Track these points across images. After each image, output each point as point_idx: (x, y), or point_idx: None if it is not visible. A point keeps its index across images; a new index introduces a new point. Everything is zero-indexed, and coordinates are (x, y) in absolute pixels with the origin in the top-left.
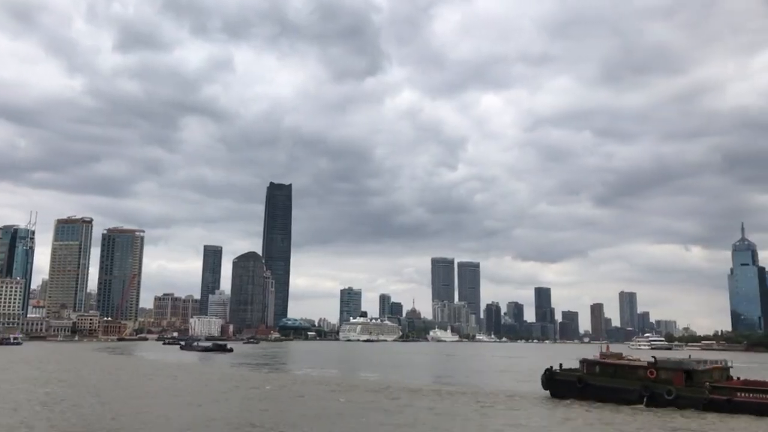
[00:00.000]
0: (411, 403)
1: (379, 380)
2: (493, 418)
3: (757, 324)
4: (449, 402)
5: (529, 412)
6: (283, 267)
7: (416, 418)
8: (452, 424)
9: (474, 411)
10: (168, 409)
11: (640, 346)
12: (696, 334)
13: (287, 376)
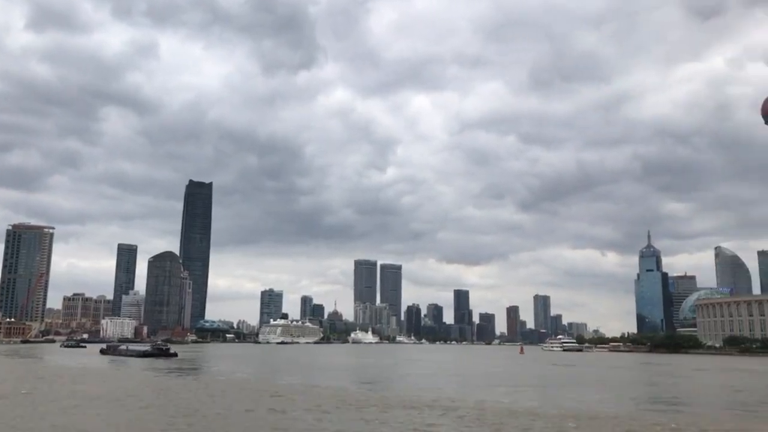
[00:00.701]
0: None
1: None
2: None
3: (660, 326)
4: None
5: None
6: (201, 267)
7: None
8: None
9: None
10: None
11: (552, 347)
12: (605, 336)
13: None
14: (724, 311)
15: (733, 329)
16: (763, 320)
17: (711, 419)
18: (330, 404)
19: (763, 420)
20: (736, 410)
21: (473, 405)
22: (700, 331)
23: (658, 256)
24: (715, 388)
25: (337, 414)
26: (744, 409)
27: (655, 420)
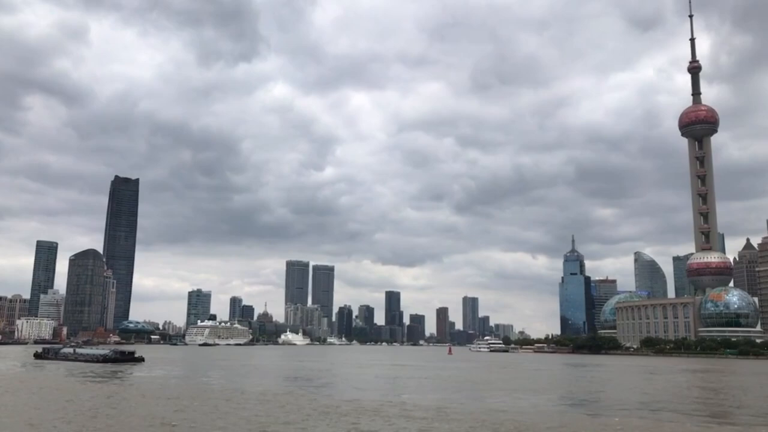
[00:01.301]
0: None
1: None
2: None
3: (582, 328)
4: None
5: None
6: (126, 266)
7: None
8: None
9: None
10: None
11: (480, 348)
12: (530, 338)
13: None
14: (642, 314)
15: (650, 331)
16: (677, 322)
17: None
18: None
19: (665, 420)
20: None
21: (400, 405)
22: (620, 332)
23: (581, 260)
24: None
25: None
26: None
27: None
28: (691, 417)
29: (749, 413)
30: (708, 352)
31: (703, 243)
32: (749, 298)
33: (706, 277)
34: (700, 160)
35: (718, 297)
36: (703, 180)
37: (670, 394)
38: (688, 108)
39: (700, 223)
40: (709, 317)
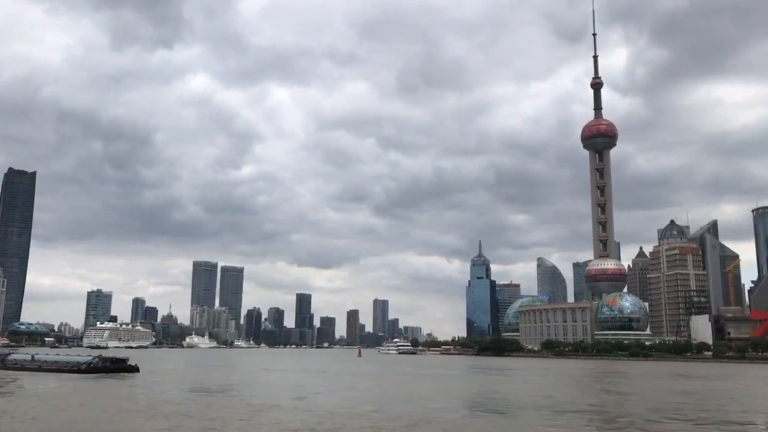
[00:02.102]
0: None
1: None
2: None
3: (487, 330)
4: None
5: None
6: (18, 264)
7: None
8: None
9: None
10: None
11: (389, 350)
12: (437, 340)
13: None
14: (543, 317)
15: (550, 334)
16: (575, 326)
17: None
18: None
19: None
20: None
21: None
22: (522, 335)
23: (487, 264)
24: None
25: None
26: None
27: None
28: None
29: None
30: (603, 354)
31: (600, 251)
32: (641, 303)
33: (602, 282)
34: (600, 171)
35: (613, 302)
36: (602, 191)
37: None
38: (590, 122)
39: (598, 232)
40: (604, 321)
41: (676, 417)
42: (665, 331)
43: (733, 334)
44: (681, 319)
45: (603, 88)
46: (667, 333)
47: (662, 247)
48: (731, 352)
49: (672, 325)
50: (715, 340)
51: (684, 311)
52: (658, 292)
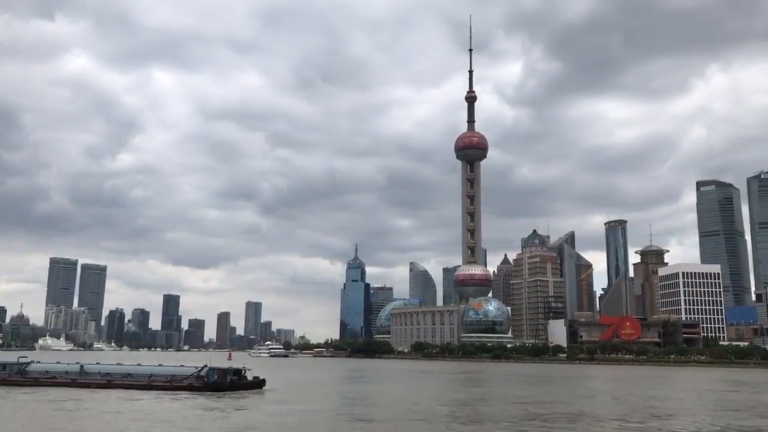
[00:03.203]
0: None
1: None
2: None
3: (360, 333)
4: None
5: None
6: None
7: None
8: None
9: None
10: None
11: (260, 353)
12: (310, 342)
13: None
14: (413, 320)
15: (420, 336)
16: (443, 328)
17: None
18: None
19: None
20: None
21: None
22: (393, 337)
23: (363, 268)
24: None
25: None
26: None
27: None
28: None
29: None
30: (468, 356)
31: (469, 257)
32: (504, 308)
33: (469, 287)
34: (470, 181)
35: (478, 306)
36: (472, 200)
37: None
38: (463, 134)
39: (467, 239)
40: (470, 324)
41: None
42: (525, 334)
43: (585, 337)
44: (540, 323)
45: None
46: (527, 336)
47: (525, 255)
48: (583, 354)
49: (532, 328)
50: (569, 343)
51: (543, 316)
52: (519, 298)
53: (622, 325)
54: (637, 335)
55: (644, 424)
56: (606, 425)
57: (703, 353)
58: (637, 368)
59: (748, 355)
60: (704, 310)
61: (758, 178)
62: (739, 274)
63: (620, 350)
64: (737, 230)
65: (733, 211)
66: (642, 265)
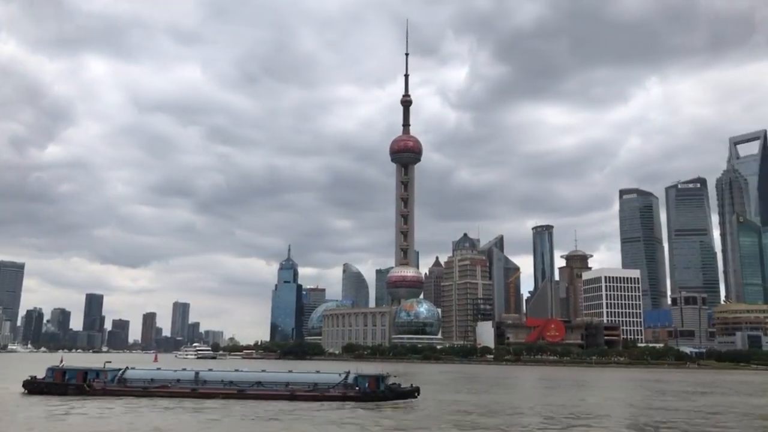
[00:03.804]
0: None
1: None
2: None
3: (291, 335)
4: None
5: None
6: None
7: None
8: None
9: None
10: None
11: (187, 355)
12: (239, 344)
13: None
14: (345, 321)
15: (351, 337)
16: (375, 330)
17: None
18: None
19: None
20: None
21: None
22: (325, 339)
23: (295, 269)
24: None
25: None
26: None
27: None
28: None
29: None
30: (399, 357)
31: (401, 259)
32: (435, 310)
33: (402, 289)
34: (405, 184)
35: (410, 307)
36: (405, 202)
37: None
38: (398, 137)
39: (401, 241)
40: (402, 325)
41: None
42: (455, 336)
43: (512, 338)
44: (468, 325)
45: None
46: (456, 337)
47: (455, 257)
48: (509, 356)
49: (461, 329)
50: (496, 345)
51: (472, 317)
52: (450, 299)
53: (547, 327)
54: (562, 337)
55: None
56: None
57: (622, 354)
58: (561, 369)
59: (663, 356)
60: (624, 313)
61: (675, 188)
62: (656, 279)
63: (545, 351)
64: (656, 237)
65: (653, 219)
66: (567, 269)
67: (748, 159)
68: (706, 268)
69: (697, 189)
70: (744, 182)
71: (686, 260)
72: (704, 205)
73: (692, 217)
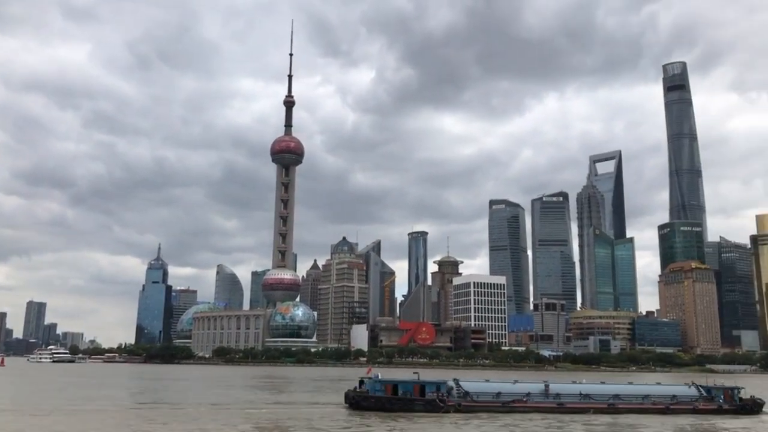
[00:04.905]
0: None
1: None
2: None
3: (158, 337)
4: None
5: None
6: None
7: None
8: None
9: None
10: None
11: (41, 358)
12: (101, 347)
13: None
14: (217, 324)
15: (223, 341)
16: (248, 333)
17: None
18: None
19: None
20: None
21: None
22: (195, 342)
23: (165, 269)
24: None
25: None
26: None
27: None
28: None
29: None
30: (272, 361)
31: (279, 261)
32: (311, 313)
33: (278, 291)
34: (285, 185)
35: (285, 310)
36: (285, 204)
37: None
38: (279, 137)
39: (279, 243)
40: (276, 328)
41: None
42: (330, 339)
43: (385, 341)
44: (344, 328)
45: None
46: (331, 340)
47: (333, 261)
48: (382, 358)
49: (336, 332)
50: (369, 347)
51: (347, 320)
52: (326, 302)
53: (419, 331)
54: (432, 340)
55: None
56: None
57: (487, 357)
58: (430, 371)
59: (525, 359)
60: (490, 317)
61: (540, 200)
62: (521, 286)
63: (416, 354)
64: (521, 246)
65: (519, 229)
66: (439, 275)
67: (605, 177)
68: (566, 277)
69: (560, 202)
70: (601, 198)
71: (548, 269)
72: (565, 218)
73: (554, 228)
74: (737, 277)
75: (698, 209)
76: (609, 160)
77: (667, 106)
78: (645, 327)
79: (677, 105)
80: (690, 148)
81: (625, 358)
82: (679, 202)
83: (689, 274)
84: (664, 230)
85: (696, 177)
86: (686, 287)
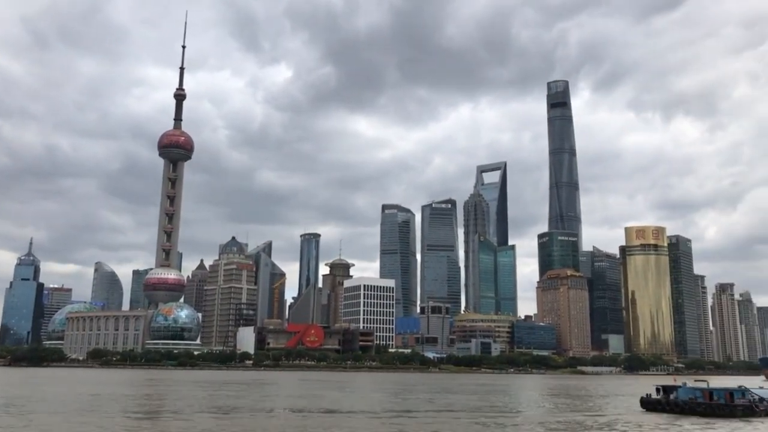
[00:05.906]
0: None
1: None
2: None
3: (26, 339)
4: None
5: None
6: None
7: None
8: None
9: None
10: None
11: None
12: None
13: None
14: (93, 325)
15: (100, 342)
16: (127, 334)
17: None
18: None
19: None
20: None
21: None
22: (67, 343)
23: (37, 265)
24: None
25: None
26: None
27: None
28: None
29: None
30: (152, 363)
31: (162, 260)
32: (195, 314)
33: (161, 292)
34: (172, 181)
35: (168, 311)
36: (172, 200)
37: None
38: (168, 131)
39: (163, 241)
40: (158, 330)
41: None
42: (214, 341)
43: (272, 344)
44: (230, 330)
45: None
46: (215, 342)
47: (221, 261)
48: (269, 361)
49: (221, 335)
50: (256, 350)
51: (233, 322)
52: (212, 304)
53: (307, 333)
54: (320, 342)
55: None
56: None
57: (374, 359)
58: (317, 373)
59: (411, 361)
60: (379, 320)
61: (430, 206)
62: (409, 289)
63: (304, 356)
64: (411, 250)
65: (409, 234)
66: (330, 277)
67: (490, 186)
68: (451, 281)
69: (448, 209)
70: (486, 206)
71: (435, 273)
72: (453, 224)
73: (442, 234)
74: (607, 285)
75: (575, 220)
76: (495, 171)
77: (550, 122)
78: (523, 330)
79: (559, 121)
80: (569, 162)
81: (504, 360)
82: (558, 213)
83: (564, 281)
84: (543, 239)
85: (574, 190)
86: (561, 293)
